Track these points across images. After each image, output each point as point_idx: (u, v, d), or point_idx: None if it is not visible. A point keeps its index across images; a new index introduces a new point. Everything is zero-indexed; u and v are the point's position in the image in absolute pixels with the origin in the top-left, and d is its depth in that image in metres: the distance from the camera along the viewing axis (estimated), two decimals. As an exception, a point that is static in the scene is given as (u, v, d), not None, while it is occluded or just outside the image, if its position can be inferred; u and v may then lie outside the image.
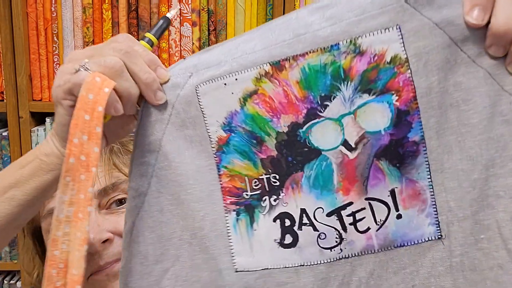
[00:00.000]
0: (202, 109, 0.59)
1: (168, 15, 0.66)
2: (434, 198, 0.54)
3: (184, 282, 0.61)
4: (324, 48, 0.54)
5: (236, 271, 0.59)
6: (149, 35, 0.64)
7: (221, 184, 0.59)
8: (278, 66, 0.56)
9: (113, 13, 1.56)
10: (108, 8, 1.56)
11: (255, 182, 0.58)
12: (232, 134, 0.58)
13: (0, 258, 1.67)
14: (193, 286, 0.61)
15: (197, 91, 0.58)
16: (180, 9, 1.51)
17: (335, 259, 0.57)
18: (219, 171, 0.59)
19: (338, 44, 0.54)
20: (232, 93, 0.57)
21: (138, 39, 0.61)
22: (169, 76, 0.59)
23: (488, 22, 0.50)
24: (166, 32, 1.54)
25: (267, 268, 0.59)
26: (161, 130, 0.60)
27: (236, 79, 0.57)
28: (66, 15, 1.57)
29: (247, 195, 0.59)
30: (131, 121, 0.64)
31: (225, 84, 0.57)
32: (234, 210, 0.59)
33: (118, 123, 0.63)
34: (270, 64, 0.56)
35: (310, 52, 0.55)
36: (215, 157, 0.59)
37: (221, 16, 1.56)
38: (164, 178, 0.60)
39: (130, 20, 1.56)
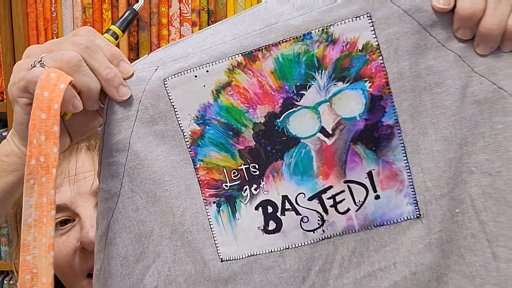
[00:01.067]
0: (172, 103, 0.60)
1: (135, 6, 0.66)
2: (411, 178, 0.58)
3: (167, 277, 0.64)
4: (296, 37, 0.56)
5: (222, 261, 0.62)
6: (113, 27, 0.64)
7: (198, 177, 0.62)
8: (250, 56, 0.57)
9: (113, 13, 1.59)
10: (108, 8, 1.59)
11: (234, 173, 0.61)
12: (207, 127, 0.60)
13: (0, 258, 1.68)
14: (176, 279, 0.63)
15: (166, 85, 0.60)
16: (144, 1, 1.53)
17: (318, 240, 0.61)
18: (195, 165, 0.61)
19: (311, 33, 0.56)
20: (204, 85, 0.59)
21: (138, 39, 0.61)
22: (133, 70, 0.60)
23: (455, 6, 0.53)
24: (166, 32, 1.56)
25: (253, 255, 0.62)
26: (129, 127, 0.61)
27: (207, 71, 0.58)
28: (66, 15, 1.61)
29: (226, 186, 0.61)
30: (95, 118, 0.64)
31: (195, 76, 0.59)
32: (214, 202, 0.62)
33: (81, 120, 0.63)
34: (242, 55, 0.58)
35: (282, 42, 0.56)
36: (190, 151, 0.61)
37: (221, 16, 1.59)
38: (137, 177, 0.62)
39: (130, 20, 1.60)
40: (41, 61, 0.57)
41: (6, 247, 1.67)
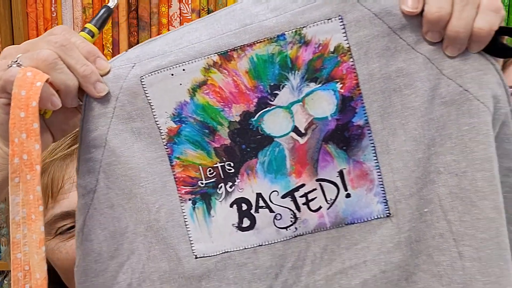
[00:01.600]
0: (149, 101, 0.62)
1: (110, 4, 0.68)
2: (381, 178, 0.60)
3: (141, 274, 0.65)
4: (270, 38, 0.58)
5: (196, 258, 0.64)
6: (89, 25, 0.66)
7: (174, 174, 0.63)
8: (226, 56, 0.59)
9: (113, 13, 1.62)
10: (107, 8, 1.61)
11: (210, 170, 0.62)
12: (183, 125, 0.62)
13: (0, 258, 1.69)
14: (150, 276, 0.65)
15: (142, 82, 0.61)
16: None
17: (291, 237, 0.63)
18: (171, 162, 0.63)
19: (284, 34, 0.58)
20: (180, 84, 0.61)
21: (138, 39, 0.62)
22: (109, 67, 0.62)
23: (423, 10, 0.55)
24: (166, 32, 1.57)
25: (227, 251, 0.64)
26: (106, 124, 0.63)
27: (183, 70, 0.60)
28: (66, 15, 1.63)
29: (202, 183, 0.63)
30: (75, 115, 0.65)
31: (172, 74, 0.61)
32: (190, 199, 0.64)
33: (61, 118, 0.64)
34: (218, 54, 0.59)
35: (257, 42, 0.58)
36: (166, 149, 0.63)
37: (221, 16, 1.62)
38: (112, 174, 0.64)
39: (130, 20, 1.60)
40: (17, 61, 0.58)
41: (6, 247, 1.68)
